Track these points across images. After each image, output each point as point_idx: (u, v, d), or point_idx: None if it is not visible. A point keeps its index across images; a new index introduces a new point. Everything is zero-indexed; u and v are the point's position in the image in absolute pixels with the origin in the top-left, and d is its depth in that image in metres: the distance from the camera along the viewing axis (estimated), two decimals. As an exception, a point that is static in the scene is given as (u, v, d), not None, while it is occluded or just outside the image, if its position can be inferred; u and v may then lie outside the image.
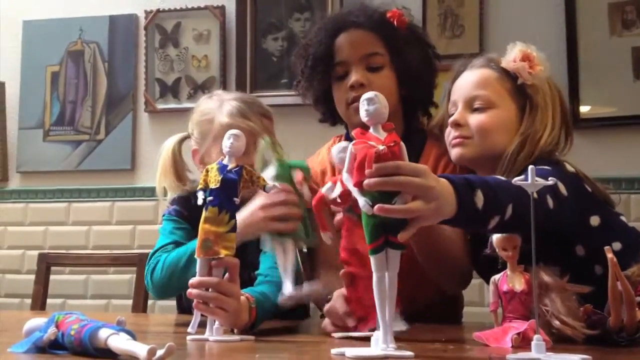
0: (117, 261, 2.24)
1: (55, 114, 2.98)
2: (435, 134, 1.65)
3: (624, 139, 2.46)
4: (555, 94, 1.50)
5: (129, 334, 0.89)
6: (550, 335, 1.01)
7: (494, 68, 1.51)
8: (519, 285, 1.08)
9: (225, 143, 1.21)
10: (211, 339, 1.15)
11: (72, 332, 0.91)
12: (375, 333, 0.96)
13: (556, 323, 1.05)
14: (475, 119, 1.47)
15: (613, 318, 1.05)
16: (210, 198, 1.18)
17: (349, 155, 0.99)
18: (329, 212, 1.22)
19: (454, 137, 1.49)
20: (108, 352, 0.88)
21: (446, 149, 1.55)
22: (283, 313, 1.38)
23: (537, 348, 0.89)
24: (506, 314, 1.10)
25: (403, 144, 0.98)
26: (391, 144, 0.96)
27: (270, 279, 1.42)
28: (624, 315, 1.04)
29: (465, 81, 1.53)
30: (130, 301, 2.12)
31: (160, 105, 2.88)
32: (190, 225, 1.56)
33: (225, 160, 1.21)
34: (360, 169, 0.95)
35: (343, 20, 1.67)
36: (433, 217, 1.00)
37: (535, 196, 0.94)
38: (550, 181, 0.97)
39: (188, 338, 1.16)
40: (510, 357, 0.90)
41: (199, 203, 1.19)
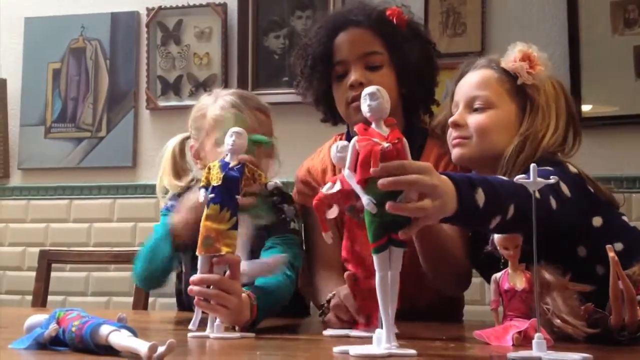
0: (118, 258, 2.23)
1: (56, 111, 2.98)
2: (437, 134, 1.64)
3: (626, 138, 2.46)
4: (560, 95, 1.49)
5: (131, 330, 0.89)
6: (551, 334, 1.01)
7: (494, 68, 1.51)
8: (520, 284, 1.08)
9: (227, 141, 1.21)
10: (212, 336, 1.15)
11: (73, 329, 0.91)
12: (377, 331, 0.96)
13: (557, 322, 1.04)
14: (473, 119, 1.47)
15: (614, 317, 1.05)
16: (212, 195, 1.18)
17: (351, 151, 0.98)
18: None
19: (454, 138, 1.49)
20: (109, 349, 0.88)
21: (448, 149, 1.55)
22: (284, 311, 1.38)
23: (538, 347, 0.89)
24: (507, 313, 1.10)
25: (406, 140, 0.98)
26: (395, 141, 0.95)
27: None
28: (625, 314, 1.05)
29: (466, 82, 1.53)
30: (131, 298, 2.12)
31: (162, 103, 2.87)
32: None
33: (227, 157, 1.21)
34: (364, 167, 0.94)
35: (342, 19, 1.66)
36: (436, 215, 1.00)
37: (537, 195, 0.94)
38: (552, 179, 0.97)
39: (189, 335, 1.16)
40: (511, 356, 0.90)
41: (200, 200, 1.19)
